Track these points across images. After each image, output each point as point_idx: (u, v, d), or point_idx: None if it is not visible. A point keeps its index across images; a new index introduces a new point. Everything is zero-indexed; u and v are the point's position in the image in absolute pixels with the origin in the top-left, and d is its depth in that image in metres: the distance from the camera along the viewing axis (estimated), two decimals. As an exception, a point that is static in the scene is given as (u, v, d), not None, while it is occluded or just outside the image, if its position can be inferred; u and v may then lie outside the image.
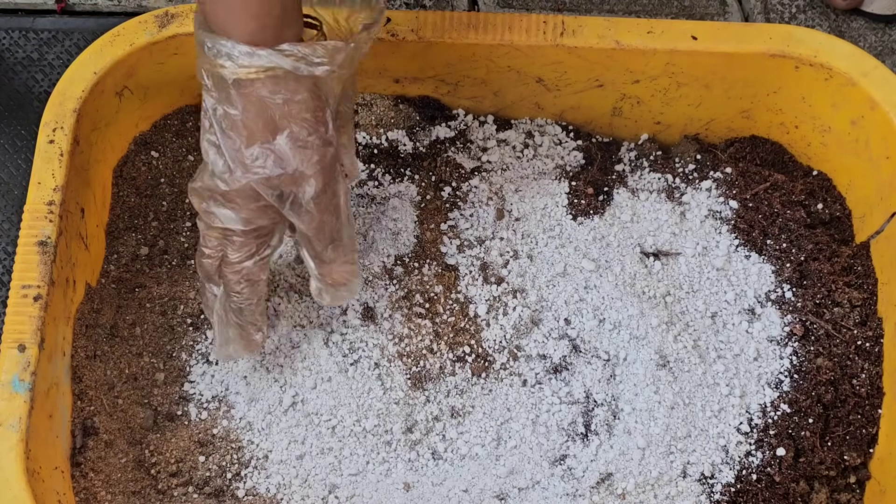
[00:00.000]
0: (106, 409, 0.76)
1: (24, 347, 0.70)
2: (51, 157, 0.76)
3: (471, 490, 0.75)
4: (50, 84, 1.00)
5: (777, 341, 0.80)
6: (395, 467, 0.76)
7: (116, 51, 0.80)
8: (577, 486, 0.75)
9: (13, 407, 0.69)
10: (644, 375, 0.77)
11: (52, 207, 0.74)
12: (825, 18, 1.09)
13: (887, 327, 0.80)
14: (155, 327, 0.80)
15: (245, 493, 0.75)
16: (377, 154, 0.85)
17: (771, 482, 0.76)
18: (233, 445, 0.76)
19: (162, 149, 0.86)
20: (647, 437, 0.76)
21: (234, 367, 0.78)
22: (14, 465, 0.68)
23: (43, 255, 0.73)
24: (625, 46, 0.81)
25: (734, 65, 0.82)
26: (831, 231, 0.85)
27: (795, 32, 0.82)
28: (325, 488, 0.75)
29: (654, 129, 0.88)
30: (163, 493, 0.75)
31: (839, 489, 0.77)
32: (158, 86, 0.84)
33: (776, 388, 0.79)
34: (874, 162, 0.82)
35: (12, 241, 0.93)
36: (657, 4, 1.09)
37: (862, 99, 0.81)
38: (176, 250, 0.83)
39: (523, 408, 0.77)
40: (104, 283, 0.80)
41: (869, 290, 0.82)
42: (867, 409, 0.78)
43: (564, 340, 0.79)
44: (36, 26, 1.03)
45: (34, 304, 0.71)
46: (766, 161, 0.88)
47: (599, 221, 0.83)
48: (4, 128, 0.98)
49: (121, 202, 0.83)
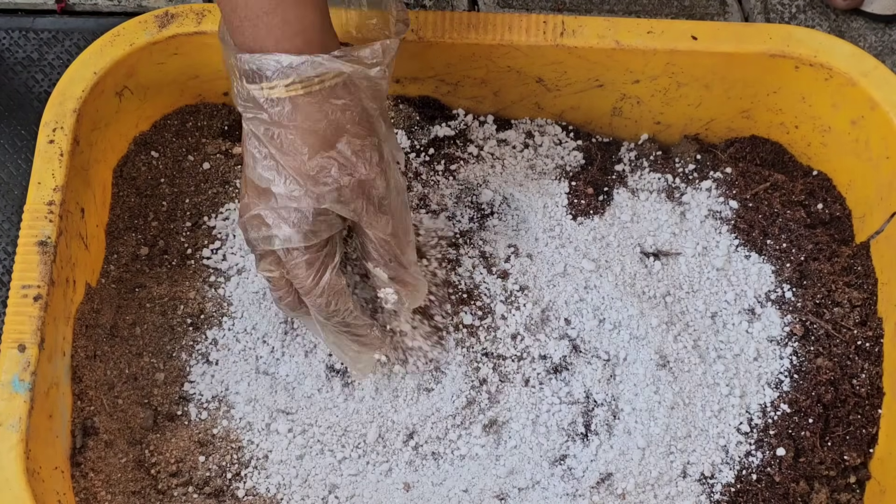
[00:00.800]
0: (106, 409, 0.76)
1: (24, 347, 0.70)
2: (51, 157, 0.76)
3: (471, 490, 0.75)
4: (50, 84, 1.00)
5: (777, 341, 0.80)
6: (395, 467, 0.76)
7: (116, 51, 0.80)
8: (577, 486, 0.75)
9: (13, 407, 0.69)
10: (644, 375, 0.77)
11: (52, 207, 0.74)
12: (825, 18, 1.09)
13: (887, 327, 0.80)
14: (155, 327, 0.80)
15: (245, 493, 0.75)
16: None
17: (771, 482, 0.76)
18: (233, 445, 0.76)
19: (162, 149, 0.86)
20: (647, 437, 0.76)
21: (234, 368, 0.78)
22: (14, 465, 0.68)
23: (43, 255, 0.73)
24: (625, 46, 0.81)
25: (734, 65, 0.82)
26: (831, 231, 0.85)
27: (795, 32, 0.82)
28: (325, 488, 0.75)
29: (654, 129, 0.88)
30: (163, 493, 0.75)
31: (839, 489, 0.77)
32: (158, 86, 0.84)
33: (776, 388, 0.79)
34: (874, 162, 0.82)
35: (12, 241, 0.93)
36: (657, 4, 1.09)
37: (862, 99, 0.81)
38: (176, 250, 0.83)
39: (523, 408, 0.77)
40: (104, 283, 0.80)
41: (869, 290, 0.82)
42: (867, 409, 0.78)
43: (564, 340, 0.79)
44: (36, 26, 1.03)
45: (34, 304, 0.71)
46: (766, 161, 0.88)
47: (599, 221, 0.83)
48: (4, 128, 0.98)
49: (121, 202, 0.83)
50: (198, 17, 0.81)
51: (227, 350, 0.79)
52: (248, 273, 0.82)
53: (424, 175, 0.85)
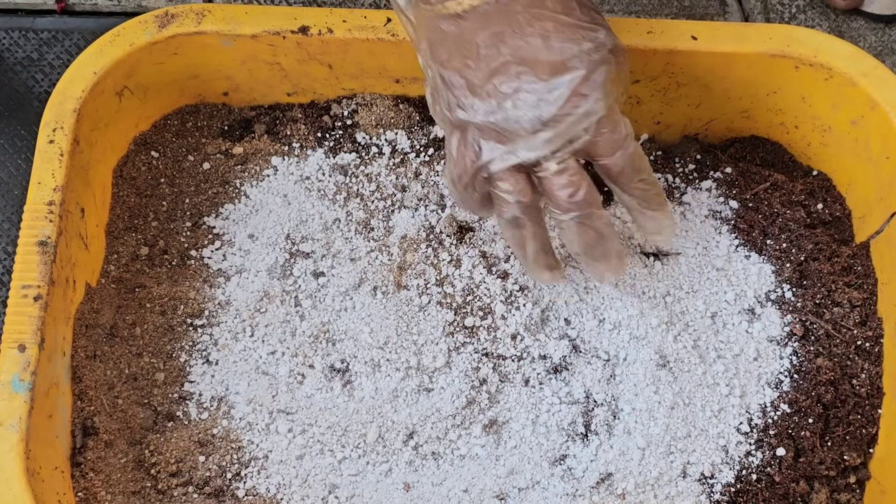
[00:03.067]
0: (106, 409, 0.76)
1: (24, 347, 0.70)
2: (51, 157, 0.76)
3: (471, 490, 0.75)
4: (50, 84, 1.00)
5: (777, 341, 0.80)
6: (395, 467, 0.76)
7: (116, 51, 0.80)
8: (576, 486, 0.75)
9: (13, 407, 0.69)
10: (644, 375, 0.77)
11: (52, 207, 0.74)
12: (825, 18, 1.09)
13: (887, 327, 0.80)
14: (155, 327, 0.80)
15: (245, 493, 0.75)
16: (376, 154, 0.86)
17: (771, 482, 0.76)
18: (233, 445, 0.76)
19: (162, 149, 0.86)
20: (647, 437, 0.76)
21: (234, 368, 0.78)
22: (14, 465, 0.68)
23: (43, 255, 0.73)
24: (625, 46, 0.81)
25: (734, 65, 0.82)
26: (831, 231, 0.85)
27: (795, 32, 0.82)
28: (325, 488, 0.75)
29: (654, 129, 0.88)
30: (163, 493, 0.75)
31: (839, 489, 0.77)
32: (158, 86, 0.84)
33: (776, 388, 0.79)
34: (874, 162, 0.82)
35: (12, 241, 0.93)
36: (657, 4, 1.09)
37: (862, 99, 0.81)
38: (176, 250, 0.83)
39: (523, 408, 0.77)
40: (104, 283, 0.80)
41: (869, 290, 0.82)
42: (867, 409, 0.78)
43: (564, 340, 0.79)
44: (36, 26, 1.03)
45: (34, 304, 0.71)
46: (766, 161, 0.88)
47: (599, 221, 0.83)
48: (4, 128, 0.98)
49: (121, 202, 0.83)
50: (198, 17, 0.81)
51: (227, 350, 0.79)
52: (248, 273, 0.82)
53: (424, 175, 0.85)
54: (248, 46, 0.82)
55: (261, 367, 0.79)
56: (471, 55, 0.65)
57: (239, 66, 0.84)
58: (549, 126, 0.66)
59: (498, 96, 0.65)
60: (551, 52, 0.65)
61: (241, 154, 0.86)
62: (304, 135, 0.86)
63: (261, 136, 0.86)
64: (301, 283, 0.81)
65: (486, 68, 0.65)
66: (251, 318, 0.80)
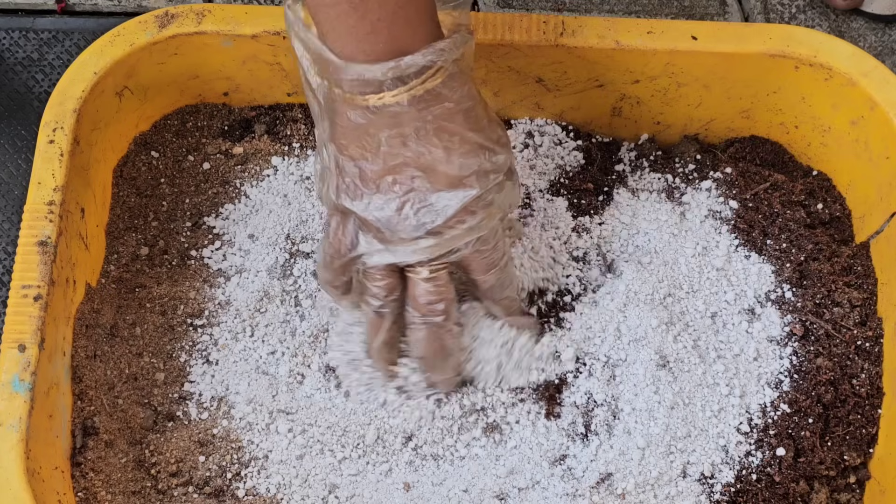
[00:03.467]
0: (106, 409, 0.76)
1: (24, 347, 0.70)
2: (51, 157, 0.76)
3: (471, 490, 0.75)
4: (50, 84, 1.00)
5: (777, 341, 0.80)
6: (395, 467, 0.76)
7: (116, 51, 0.80)
8: (576, 486, 0.75)
9: (13, 407, 0.69)
10: (644, 376, 0.77)
11: (52, 207, 0.74)
12: (825, 18, 1.09)
13: (887, 327, 0.80)
14: (155, 327, 0.80)
15: (245, 493, 0.75)
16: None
17: (771, 482, 0.76)
18: (233, 445, 0.76)
19: (162, 149, 0.86)
20: (646, 437, 0.76)
21: (234, 368, 0.78)
22: (14, 465, 0.68)
23: (43, 255, 0.73)
24: (625, 46, 0.81)
25: (734, 65, 0.82)
26: (831, 231, 0.85)
27: (795, 32, 0.82)
28: (325, 488, 0.75)
29: (654, 129, 0.89)
30: (163, 493, 0.75)
31: (839, 489, 0.77)
32: (158, 86, 0.84)
33: (776, 388, 0.79)
34: (874, 162, 0.82)
35: (12, 241, 0.93)
36: (657, 4, 1.09)
37: (862, 99, 0.81)
38: (176, 250, 0.83)
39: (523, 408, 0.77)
40: (104, 283, 0.80)
41: (869, 290, 0.82)
42: (867, 409, 0.78)
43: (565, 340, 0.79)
44: (36, 26, 1.03)
45: (34, 304, 0.71)
46: (766, 161, 0.88)
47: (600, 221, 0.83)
48: (4, 128, 0.98)
49: (121, 202, 0.83)
50: (198, 17, 0.81)
51: (227, 350, 0.79)
52: (248, 273, 0.82)
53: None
54: (249, 46, 0.82)
55: (261, 367, 0.79)
56: (371, 148, 0.65)
57: (239, 66, 0.84)
58: (432, 235, 0.67)
59: (388, 193, 0.66)
60: (451, 165, 0.65)
61: (242, 154, 0.86)
62: (304, 135, 0.86)
63: (261, 136, 0.86)
64: (301, 283, 0.81)
65: (383, 164, 0.65)
66: (251, 318, 0.80)
